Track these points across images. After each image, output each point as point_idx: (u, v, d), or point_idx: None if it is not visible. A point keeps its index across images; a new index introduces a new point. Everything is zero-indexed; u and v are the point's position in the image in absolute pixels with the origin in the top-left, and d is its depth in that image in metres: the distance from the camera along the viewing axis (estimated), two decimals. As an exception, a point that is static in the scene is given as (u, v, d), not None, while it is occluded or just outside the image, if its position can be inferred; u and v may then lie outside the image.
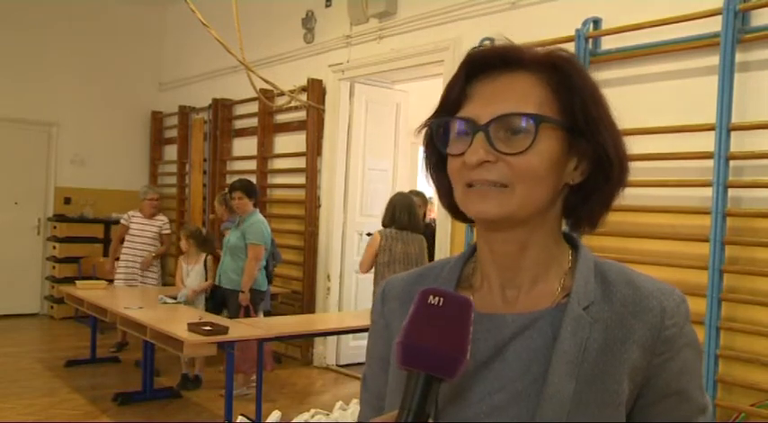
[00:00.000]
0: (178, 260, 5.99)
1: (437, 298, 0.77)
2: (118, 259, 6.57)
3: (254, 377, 5.01)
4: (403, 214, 5.01)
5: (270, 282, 5.89)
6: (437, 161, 0.93)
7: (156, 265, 6.68)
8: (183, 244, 5.83)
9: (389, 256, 4.93)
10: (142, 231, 6.50)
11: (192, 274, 5.79)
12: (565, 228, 0.95)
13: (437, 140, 0.90)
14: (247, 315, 5.29)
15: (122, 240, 6.57)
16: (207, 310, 5.51)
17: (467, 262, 0.98)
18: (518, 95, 0.86)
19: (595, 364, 0.84)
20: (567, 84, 0.87)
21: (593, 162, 0.88)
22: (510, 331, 0.88)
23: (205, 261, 5.85)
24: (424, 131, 0.94)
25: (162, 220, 6.68)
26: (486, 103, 0.86)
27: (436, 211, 7.33)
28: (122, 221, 6.63)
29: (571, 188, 0.90)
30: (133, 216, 6.56)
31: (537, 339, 0.87)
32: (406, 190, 6.60)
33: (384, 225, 5.08)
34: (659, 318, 0.86)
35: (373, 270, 5.08)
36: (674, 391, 0.87)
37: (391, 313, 0.98)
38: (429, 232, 5.77)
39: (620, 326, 0.86)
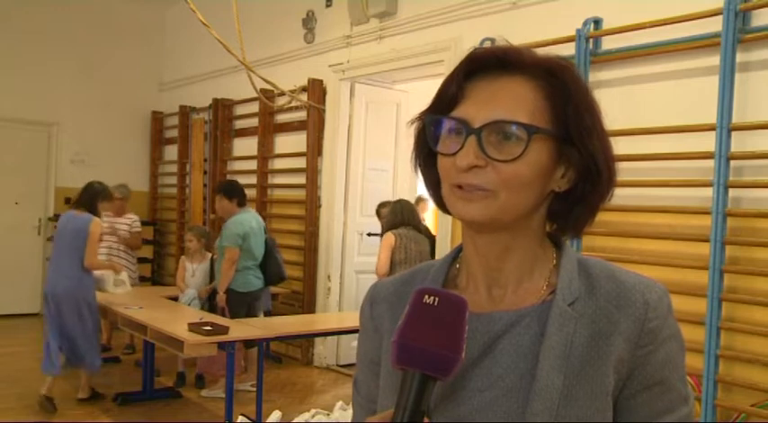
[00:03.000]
0: (180, 260, 5.96)
1: (432, 297, 0.77)
2: None
3: (223, 381, 5.01)
4: (412, 216, 5.17)
5: (274, 282, 5.80)
6: (427, 155, 0.95)
7: (129, 260, 6.58)
8: (195, 243, 5.80)
9: (405, 253, 5.01)
10: (111, 229, 6.44)
11: (198, 272, 5.78)
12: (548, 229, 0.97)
13: (429, 136, 0.91)
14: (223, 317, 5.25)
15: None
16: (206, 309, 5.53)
17: (452, 263, 0.99)
18: (512, 101, 0.87)
19: (582, 357, 0.85)
20: (563, 91, 0.88)
21: (580, 170, 0.89)
22: (498, 329, 0.89)
23: (211, 260, 5.84)
24: (415, 125, 0.95)
25: (131, 217, 6.62)
26: (480, 106, 0.87)
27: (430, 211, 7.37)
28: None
29: (557, 194, 0.91)
30: (105, 214, 6.53)
31: (524, 336, 0.88)
32: (407, 190, 6.63)
33: (393, 226, 5.14)
34: (643, 310, 0.87)
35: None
36: (657, 382, 0.88)
37: (380, 316, 0.99)
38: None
39: (605, 320, 0.87)
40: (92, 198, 5.13)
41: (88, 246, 4.94)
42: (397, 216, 5.17)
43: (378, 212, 6.04)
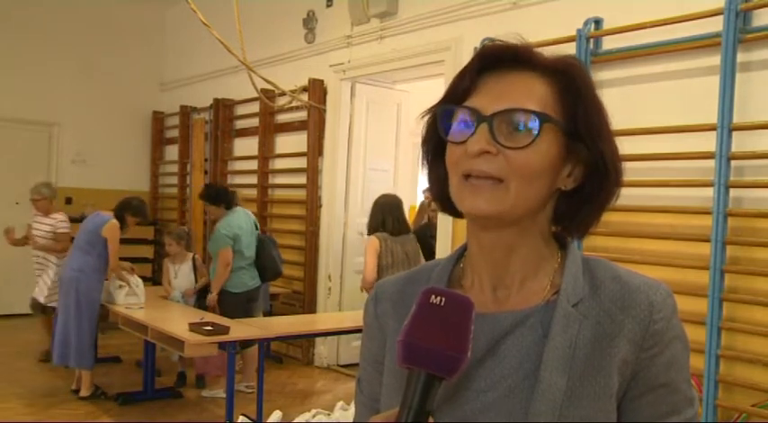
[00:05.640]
0: (164, 262, 5.96)
1: (439, 297, 0.77)
2: None
3: (223, 381, 5.04)
4: (392, 220, 4.95)
5: (269, 278, 5.75)
6: (435, 149, 0.95)
7: (48, 262, 6.22)
8: (174, 247, 5.78)
9: (391, 258, 4.88)
10: (37, 229, 6.21)
11: (180, 273, 5.75)
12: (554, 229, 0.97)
13: (440, 127, 0.91)
14: None
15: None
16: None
17: (456, 263, 0.99)
18: (524, 93, 0.87)
19: (586, 359, 0.85)
20: (573, 89, 0.89)
21: (587, 170, 0.90)
22: (502, 329, 0.89)
23: (193, 260, 5.83)
24: (425, 119, 0.95)
25: (56, 217, 6.24)
26: (492, 98, 0.87)
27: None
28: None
29: (563, 194, 0.92)
30: (35, 214, 6.30)
31: (528, 336, 0.88)
32: (408, 190, 6.60)
33: (374, 229, 4.98)
34: (647, 312, 0.87)
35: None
36: (662, 384, 0.88)
37: (384, 315, 0.99)
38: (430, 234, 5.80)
39: (610, 321, 0.87)
40: (122, 208, 5.42)
41: (110, 250, 5.22)
42: (377, 220, 4.98)
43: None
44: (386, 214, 4.97)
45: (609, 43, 4.22)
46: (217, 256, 5.43)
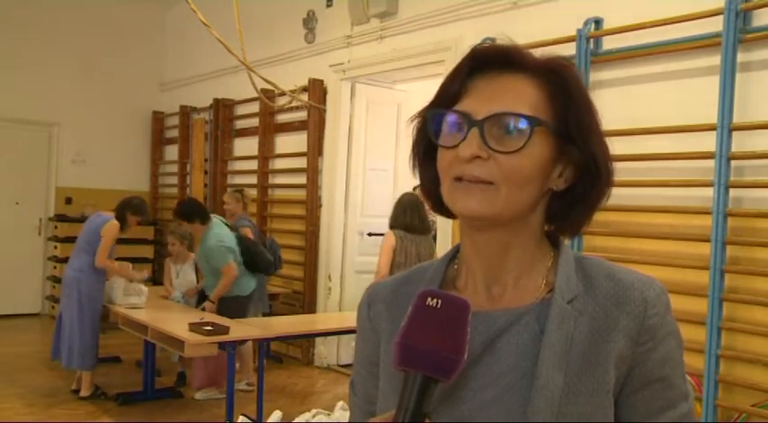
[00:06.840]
0: (165, 262, 5.95)
1: (435, 299, 0.78)
2: None
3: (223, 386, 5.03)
4: (414, 217, 4.91)
5: (261, 270, 5.67)
6: (425, 152, 0.95)
7: None
8: (177, 246, 5.77)
9: (405, 257, 4.84)
10: None
11: (182, 273, 5.75)
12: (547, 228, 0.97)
13: (430, 131, 0.90)
14: None
15: None
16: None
17: (449, 263, 0.99)
18: (515, 96, 0.87)
19: (582, 355, 0.85)
20: (564, 90, 0.89)
21: (578, 170, 0.90)
22: (497, 327, 0.89)
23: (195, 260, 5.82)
24: (414, 122, 0.95)
25: None
26: (483, 101, 0.87)
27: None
28: None
29: (555, 194, 0.92)
30: None
31: (524, 334, 0.88)
32: (408, 190, 6.58)
33: (393, 226, 4.95)
34: (642, 308, 0.88)
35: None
36: (657, 379, 0.88)
37: (377, 317, 0.99)
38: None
39: (605, 317, 0.88)
40: (122, 207, 5.37)
41: (100, 245, 5.19)
42: (398, 216, 4.95)
43: None
44: (412, 212, 4.91)
45: (609, 43, 4.22)
46: (205, 269, 5.39)
